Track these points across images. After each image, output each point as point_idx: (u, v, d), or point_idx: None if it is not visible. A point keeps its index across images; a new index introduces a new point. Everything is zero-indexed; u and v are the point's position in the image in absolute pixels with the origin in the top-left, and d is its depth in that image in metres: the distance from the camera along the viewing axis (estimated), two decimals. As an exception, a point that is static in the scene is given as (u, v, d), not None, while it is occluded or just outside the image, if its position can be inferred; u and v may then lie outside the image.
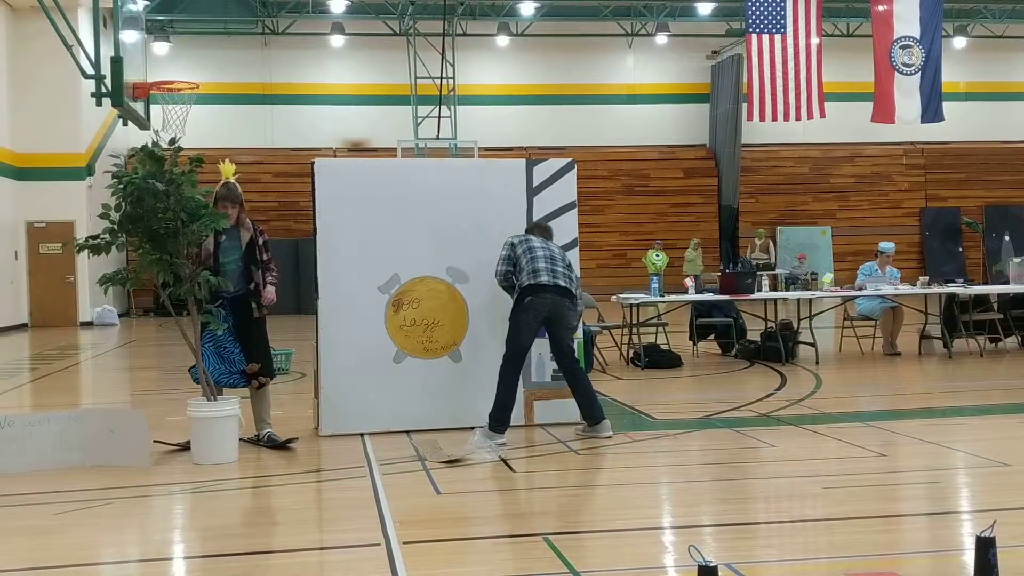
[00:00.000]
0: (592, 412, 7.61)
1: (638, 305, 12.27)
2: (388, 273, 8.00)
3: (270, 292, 7.64)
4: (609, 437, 7.50)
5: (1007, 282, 13.96)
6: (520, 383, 7.73)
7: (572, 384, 7.64)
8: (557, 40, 28.04)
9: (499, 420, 7.36)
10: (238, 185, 7.59)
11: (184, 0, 24.25)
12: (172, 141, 7.04)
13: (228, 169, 7.57)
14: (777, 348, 12.13)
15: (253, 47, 27.31)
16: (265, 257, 7.63)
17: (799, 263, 23.00)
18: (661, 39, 28.28)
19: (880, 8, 19.56)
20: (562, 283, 7.49)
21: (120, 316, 23.31)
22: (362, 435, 7.76)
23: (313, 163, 8.15)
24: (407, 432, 7.80)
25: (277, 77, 27.35)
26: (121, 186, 6.74)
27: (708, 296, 12.65)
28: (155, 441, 7.35)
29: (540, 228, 7.96)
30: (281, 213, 25.47)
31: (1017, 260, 13.77)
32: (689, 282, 13.08)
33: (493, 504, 6.12)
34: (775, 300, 13.42)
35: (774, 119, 19.51)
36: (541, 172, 8.37)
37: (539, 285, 7.41)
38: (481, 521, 5.68)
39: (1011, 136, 29.93)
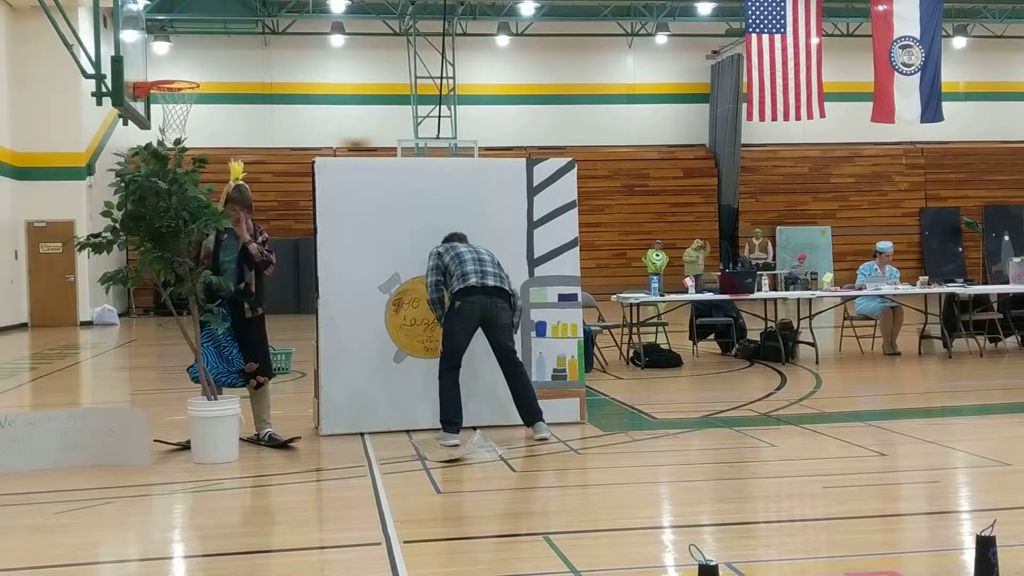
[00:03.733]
0: (525, 416, 7.56)
1: (638, 305, 12.27)
2: (388, 272, 8.00)
3: (245, 230, 7.42)
4: (544, 439, 7.42)
5: (1007, 282, 13.96)
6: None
7: (509, 382, 7.56)
8: (557, 40, 28.04)
9: (447, 421, 7.38)
10: (248, 188, 7.58)
11: (184, 0, 24.25)
12: (177, 141, 7.03)
13: (237, 168, 7.54)
14: (777, 348, 12.13)
15: (253, 47, 27.31)
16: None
17: (799, 263, 23.00)
18: (661, 39, 28.29)
19: (880, 8, 19.57)
20: (491, 283, 7.46)
21: (120, 316, 23.31)
22: (362, 435, 7.76)
23: (313, 163, 8.15)
24: (407, 432, 7.81)
25: (277, 77, 27.36)
26: (124, 184, 6.74)
27: (708, 296, 12.65)
28: (155, 440, 7.35)
29: (457, 236, 7.88)
30: (281, 213, 25.46)
31: (1017, 260, 13.77)
32: (689, 282, 13.09)
33: (493, 503, 6.11)
34: (775, 300, 13.42)
35: (774, 119, 19.52)
36: (541, 172, 8.37)
37: (468, 288, 7.41)
38: (481, 520, 5.68)
39: (1011, 136, 29.93)
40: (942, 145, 29.09)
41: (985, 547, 3.97)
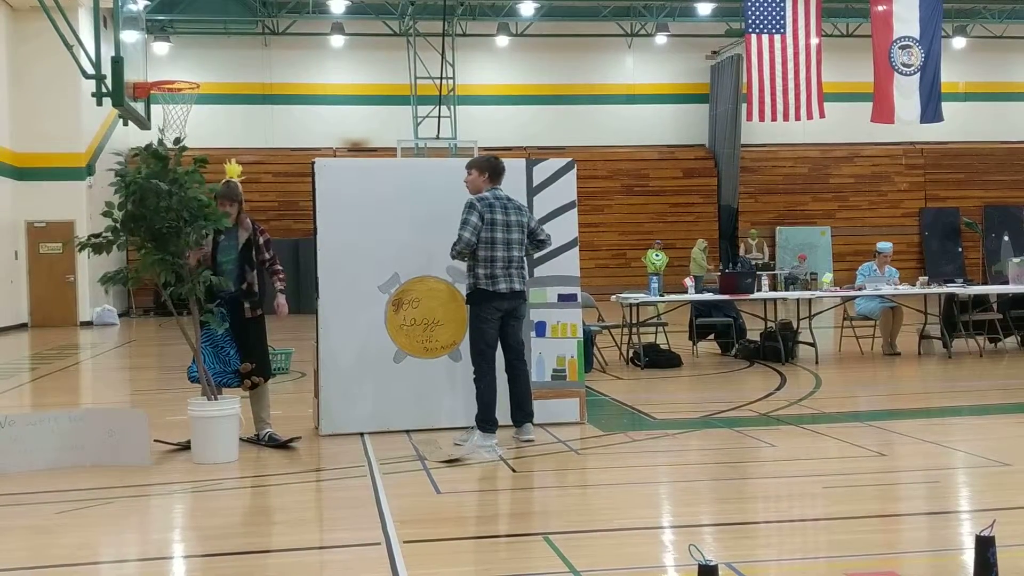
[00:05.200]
0: (517, 415, 7.54)
1: (638, 305, 12.27)
2: (388, 273, 8.00)
3: (283, 306, 7.70)
4: (531, 441, 7.41)
5: (1006, 282, 13.96)
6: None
7: (511, 378, 7.53)
8: (557, 40, 28.05)
9: (489, 421, 7.35)
10: (239, 184, 7.60)
11: (184, 0, 24.26)
12: (177, 141, 7.03)
13: (234, 169, 7.58)
14: (777, 348, 12.13)
15: (253, 47, 27.31)
16: (267, 256, 7.64)
17: (799, 263, 23.01)
18: (660, 39, 28.30)
19: (880, 8, 19.56)
20: (517, 287, 7.44)
21: (120, 316, 23.32)
22: (362, 435, 7.76)
23: (313, 163, 8.16)
24: (407, 432, 7.81)
25: (277, 77, 27.36)
26: (124, 184, 6.74)
27: (708, 296, 12.66)
28: (155, 441, 7.35)
29: (497, 173, 7.57)
30: (281, 213, 25.49)
31: (1016, 260, 13.77)
32: (689, 282, 13.10)
33: (493, 504, 6.12)
34: (775, 300, 13.42)
35: (773, 119, 19.51)
36: (541, 172, 8.38)
37: (497, 293, 7.37)
38: (481, 521, 5.68)
39: (1010, 136, 29.94)
40: (942, 145, 29.10)
41: (984, 547, 3.97)
